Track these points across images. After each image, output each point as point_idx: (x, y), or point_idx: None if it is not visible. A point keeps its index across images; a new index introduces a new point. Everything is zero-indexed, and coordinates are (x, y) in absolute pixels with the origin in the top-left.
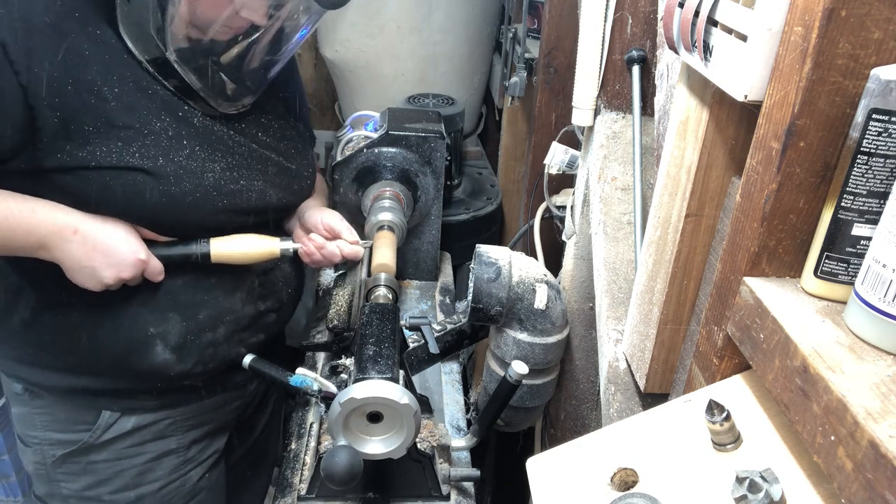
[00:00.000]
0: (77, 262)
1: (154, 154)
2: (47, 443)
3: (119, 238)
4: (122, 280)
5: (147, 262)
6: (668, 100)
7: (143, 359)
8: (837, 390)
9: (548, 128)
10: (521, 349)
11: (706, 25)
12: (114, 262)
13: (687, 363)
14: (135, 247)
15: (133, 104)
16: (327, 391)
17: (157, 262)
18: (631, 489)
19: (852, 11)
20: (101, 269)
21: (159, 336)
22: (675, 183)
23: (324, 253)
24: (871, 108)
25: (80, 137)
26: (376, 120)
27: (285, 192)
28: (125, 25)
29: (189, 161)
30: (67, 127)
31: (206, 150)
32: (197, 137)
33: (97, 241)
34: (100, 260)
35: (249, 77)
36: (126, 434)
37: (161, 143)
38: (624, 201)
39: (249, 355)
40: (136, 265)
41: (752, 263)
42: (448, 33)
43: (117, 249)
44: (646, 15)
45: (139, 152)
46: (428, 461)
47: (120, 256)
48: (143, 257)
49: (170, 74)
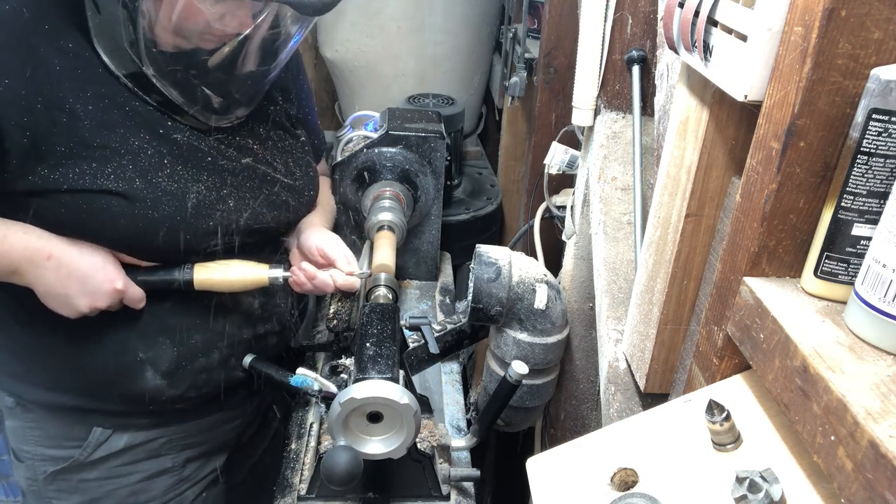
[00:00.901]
0: (51, 288)
1: (131, 176)
2: (39, 458)
3: (95, 266)
4: (98, 309)
5: (125, 291)
6: (668, 100)
7: (133, 383)
8: (837, 390)
9: (548, 128)
10: (521, 349)
11: (706, 25)
12: (88, 291)
13: (687, 363)
14: (112, 275)
15: (108, 122)
16: (327, 391)
17: (137, 290)
18: (631, 489)
19: (852, 11)
20: (76, 297)
21: (149, 361)
22: (675, 183)
23: (315, 283)
24: (871, 108)
25: (52, 158)
26: (376, 120)
27: (281, 209)
28: (98, 38)
29: (170, 182)
30: (38, 147)
31: (189, 170)
32: (180, 156)
33: (71, 268)
34: (74, 288)
35: (238, 89)
36: (118, 452)
37: (139, 164)
38: (624, 201)
39: (249, 355)
40: (111, 294)
41: (752, 263)
42: (448, 33)
43: (92, 278)
44: (646, 15)
45: (114, 174)
46: (428, 461)
47: (95, 285)
48: (119, 287)
49: (150, 89)
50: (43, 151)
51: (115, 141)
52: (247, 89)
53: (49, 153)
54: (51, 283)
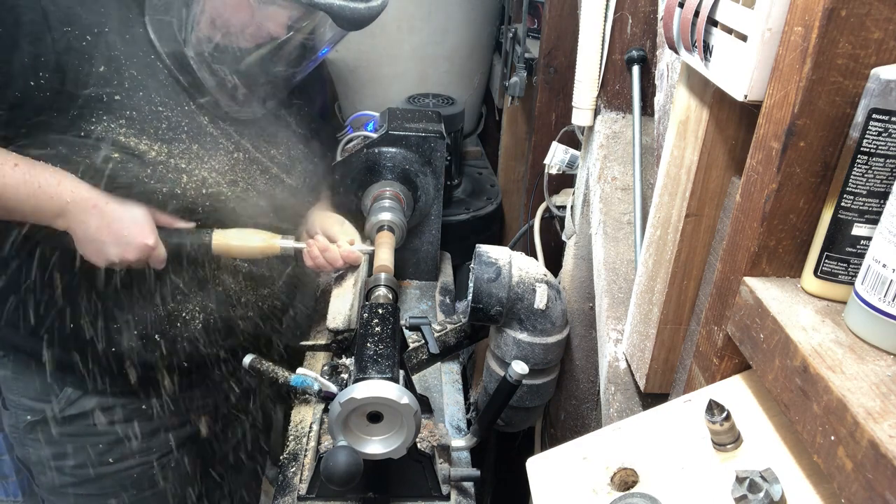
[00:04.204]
0: (89, 234)
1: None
2: (21, 408)
3: (134, 219)
4: (126, 261)
5: (154, 248)
6: (668, 100)
7: (110, 340)
8: (837, 390)
9: (548, 128)
10: (521, 349)
11: (706, 25)
12: (122, 242)
13: (687, 363)
14: (146, 231)
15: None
16: (327, 391)
17: (163, 251)
18: (631, 489)
19: (852, 11)
20: (109, 245)
21: (125, 323)
22: (675, 183)
23: (327, 256)
24: (871, 108)
25: (86, 104)
26: (376, 120)
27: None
28: (151, 17)
29: (179, 159)
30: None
31: (201, 149)
32: (197, 136)
33: (112, 219)
34: (110, 237)
35: (264, 86)
36: (87, 413)
37: (159, 129)
38: (624, 201)
39: (249, 355)
40: (142, 249)
41: (752, 263)
42: (448, 33)
43: (129, 231)
44: (646, 15)
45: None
46: (428, 461)
47: (129, 237)
48: (150, 243)
49: (185, 70)
50: (79, 95)
51: (142, 101)
52: (272, 88)
53: (84, 99)
54: (90, 230)
